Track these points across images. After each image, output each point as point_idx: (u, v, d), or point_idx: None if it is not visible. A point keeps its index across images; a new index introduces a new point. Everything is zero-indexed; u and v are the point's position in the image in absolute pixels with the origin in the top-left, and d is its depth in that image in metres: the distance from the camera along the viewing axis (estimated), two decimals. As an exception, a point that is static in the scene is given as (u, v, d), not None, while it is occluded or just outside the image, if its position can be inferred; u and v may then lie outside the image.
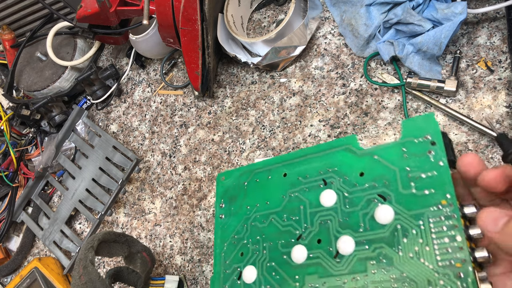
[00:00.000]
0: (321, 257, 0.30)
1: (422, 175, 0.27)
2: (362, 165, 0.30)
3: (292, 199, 0.33)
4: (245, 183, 0.36)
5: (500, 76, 0.41)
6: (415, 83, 0.43)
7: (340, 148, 0.32)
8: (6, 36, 0.71)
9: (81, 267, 0.37)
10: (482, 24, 0.44)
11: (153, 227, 0.55)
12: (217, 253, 0.36)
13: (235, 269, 0.34)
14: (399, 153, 0.29)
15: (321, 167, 0.33)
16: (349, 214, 0.30)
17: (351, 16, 0.48)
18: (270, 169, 0.35)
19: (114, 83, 0.65)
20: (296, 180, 0.33)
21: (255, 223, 0.34)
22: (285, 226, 0.33)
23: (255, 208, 0.35)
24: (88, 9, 0.56)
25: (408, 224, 0.27)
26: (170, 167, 0.57)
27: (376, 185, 0.29)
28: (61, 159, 0.63)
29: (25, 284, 0.57)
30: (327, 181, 0.32)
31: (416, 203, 0.27)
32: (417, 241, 0.26)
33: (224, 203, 0.37)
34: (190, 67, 0.52)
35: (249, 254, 0.34)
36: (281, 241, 0.32)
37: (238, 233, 0.35)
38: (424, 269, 0.26)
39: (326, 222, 0.31)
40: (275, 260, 0.32)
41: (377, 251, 0.28)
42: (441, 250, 0.26)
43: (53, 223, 0.60)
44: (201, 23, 0.48)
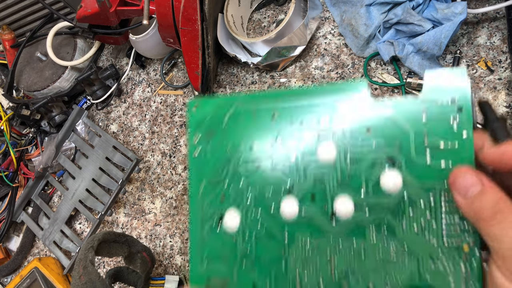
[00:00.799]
0: (314, 216, 0.27)
1: (441, 144, 0.24)
2: (371, 119, 0.26)
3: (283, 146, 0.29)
4: (225, 117, 0.31)
5: (500, 76, 0.41)
6: (415, 83, 0.43)
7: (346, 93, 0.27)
8: (6, 36, 0.71)
9: (81, 267, 0.37)
10: (482, 24, 0.44)
11: (153, 227, 0.55)
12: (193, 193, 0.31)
13: (214, 213, 0.30)
14: (417, 112, 0.25)
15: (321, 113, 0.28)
16: (350, 173, 0.26)
17: (351, 16, 0.48)
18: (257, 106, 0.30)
19: (114, 83, 0.65)
20: (289, 125, 0.29)
21: (238, 167, 0.30)
22: (274, 175, 0.29)
23: (238, 149, 0.30)
24: (88, 9, 0.56)
25: (417, 196, 0.24)
26: (170, 167, 0.57)
27: (386, 145, 0.26)
28: (61, 159, 0.63)
29: (25, 284, 0.57)
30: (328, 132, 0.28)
31: (429, 174, 0.24)
32: (424, 216, 0.24)
33: (199, 138, 0.31)
34: (190, 67, 0.52)
35: (231, 199, 0.29)
36: (269, 190, 0.28)
37: (218, 174, 0.30)
38: (428, 245, 0.24)
39: (322, 177, 0.27)
40: (262, 211, 0.29)
41: (378, 219, 0.25)
42: (449, 229, 0.24)
43: (53, 223, 0.60)
44: (201, 23, 0.48)
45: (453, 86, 0.25)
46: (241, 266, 0.29)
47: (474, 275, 0.23)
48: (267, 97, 0.30)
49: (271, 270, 0.28)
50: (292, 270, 0.27)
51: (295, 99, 0.29)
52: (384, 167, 0.25)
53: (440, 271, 0.24)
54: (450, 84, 0.25)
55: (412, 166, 0.25)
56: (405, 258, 0.25)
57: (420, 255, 0.24)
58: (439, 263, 0.24)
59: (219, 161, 0.31)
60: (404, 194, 0.25)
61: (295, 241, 0.28)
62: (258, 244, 0.29)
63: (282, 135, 0.29)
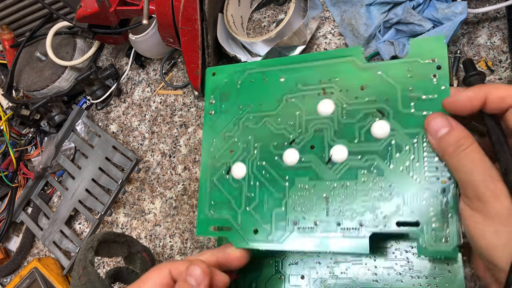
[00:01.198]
0: (313, 162, 0.31)
1: (423, 97, 0.28)
2: (365, 79, 0.30)
3: (288, 104, 0.33)
4: (238, 81, 0.35)
5: (501, 76, 0.41)
6: (415, 83, 0.43)
7: (344, 59, 0.32)
8: (5, 36, 0.71)
9: (80, 267, 0.37)
10: (483, 24, 0.44)
11: (153, 227, 0.55)
12: (205, 146, 0.35)
13: (224, 164, 0.34)
14: (403, 72, 0.29)
15: (322, 75, 0.32)
16: (346, 125, 0.30)
17: (351, 16, 0.48)
18: (267, 71, 0.34)
19: (113, 83, 0.65)
20: (294, 86, 0.33)
21: (247, 123, 0.34)
22: (278, 130, 0.33)
23: (248, 109, 0.34)
24: (88, 9, 0.56)
25: (403, 141, 0.28)
26: (170, 167, 0.57)
27: (376, 100, 0.29)
28: (60, 159, 0.63)
29: (24, 284, 0.57)
30: (327, 91, 0.31)
31: (413, 122, 0.28)
32: (409, 157, 0.28)
33: (214, 100, 0.36)
34: (190, 67, 0.52)
35: (239, 152, 0.33)
36: (274, 143, 0.32)
37: (229, 130, 0.34)
38: (412, 182, 0.27)
39: (321, 130, 0.31)
40: (266, 160, 0.32)
41: (369, 162, 0.29)
42: (430, 167, 0.27)
43: (52, 223, 0.60)
44: (201, 23, 0.48)
45: (433, 48, 0.28)
46: (245, 210, 0.32)
47: (450, 204, 0.26)
48: (275, 63, 0.34)
49: (272, 213, 0.31)
50: (291, 211, 0.30)
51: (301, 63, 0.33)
52: (375, 117, 0.29)
53: (422, 203, 0.27)
54: (430, 47, 0.29)
55: (399, 116, 0.29)
56: (392, 195, 0.28)
57: (405, 192, 0.27)
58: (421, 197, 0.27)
59: (230, 119, 0.35)
60: (391, 139, 0.28)
61: (295, 184, 0.31)
62: (262, 189, 0.32)
63: (288, 94, 0.33)
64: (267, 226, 0.31)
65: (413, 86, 0.29)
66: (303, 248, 0.29)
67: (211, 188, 0.34)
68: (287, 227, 0.30)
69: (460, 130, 0.24)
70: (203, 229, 0.33)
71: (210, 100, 0.36)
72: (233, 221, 0.32)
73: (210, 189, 0.34)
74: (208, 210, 0.33)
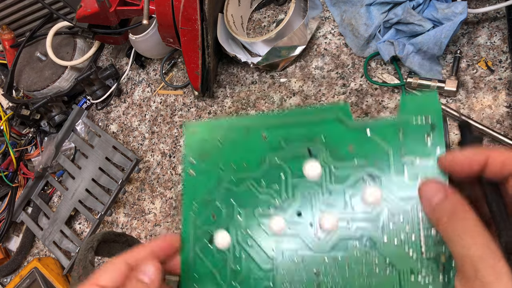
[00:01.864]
0: (301, 231, 0.28)
1: (417, 161, 0.25)
2: (353, 139, 0.28)
3: (272, 165, 0.30)
4: (219, 139, 0.33)
5: (501, 76, 0.41)
6: (415, 83, 0.43)
7: (330, 116, 0.29)
8: (5, 36, 0.71)
9: (80, 267, 0.37)
10: (483, 24, 0.44)
11: (153, 227, 0.55)
12: (186, 211, 0.33)
13: (206, 232, 0.31)
14: (394, 131, 0.26)
15: (307, 134, 0.29)
16: (334, 190, 0.28)
17: (351, 16, 0.48)
18: (249, 128, 0.32)
19: (114, 83, 0.65)
20: (277, 144, 0.30)
21: (230, 186, 0.31)
22: (263, 194, 0.30)
23: (230, 169, 0.32)
24: (88, 9, 0.56)
25: (397, 210, 0.25)
26: (170, 167, 0.57)
27: (367, 163, 0.27)
28: (60, 159, 0.63)
29: (25, 284, 0.57)
30: (313, 151, 0.29)
31: (407, 190, 0.25)
32: (404, 229, 0.25)
33: (194, 159, 0.34)
34: (190, 67, 0.52)
35: (222, 218, 0.31)
36: (258, 209, 0.30)
37: (211, 193, 0.32)
38: (408, 258, 0.25)
39: (308, 195, 0.28)
40: (251, 228, 0.30)
41: (361, 232, 0.26)
42: (427, 241, 0.25)
43: (53, 223, 0.60)
44: (201, 23, 0.48)
45: (426, 107, 0.26)
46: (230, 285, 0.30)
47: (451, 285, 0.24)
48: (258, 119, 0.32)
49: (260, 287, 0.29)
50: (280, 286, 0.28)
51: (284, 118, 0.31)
52: (365, 183, 0.26)
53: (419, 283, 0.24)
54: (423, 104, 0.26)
55: (391, 182, 0.26)
56: (387, 271, 0.25)
57: (401, 268, 0.25)
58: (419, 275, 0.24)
59: (212, 180, 0.32)
60: (384, 208, 0.26)
61: (282, 256, 0.28)
62: (247, 261, 0.29)
63: (271, 153, 0.30)
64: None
65: (406, 148, 0.26)
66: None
67: (194, 260, 0.31)
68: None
69: (455, 197, 0.22)
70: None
71: (189, 159, 0.34)
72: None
73: (193, 262, 0.31)
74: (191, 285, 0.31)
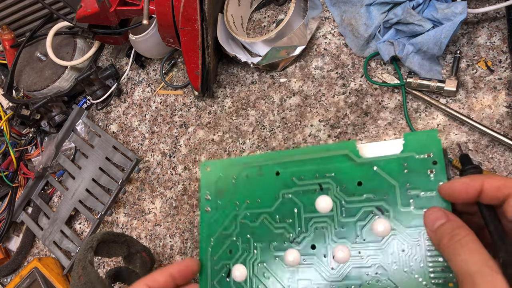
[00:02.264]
0: (315, 263, 0.30)
1: (421, 194, 0.27)
2: (361, 175, 0.30)
3: (285, 201, 0.32)
4: (233, 176, 0.34)
5: (500, 76, 0.41)
6: (415, 83, 0.43)
7: (338, 152, 0.31)
8: (6, 36, 0.71)
9: (80, 267, 0.37)
10: (482, 24, 0.44)
11: (153, 227, 0.55)
12: (203, 247, 0.34)
13: (224, 266, 0.33)
14: (399, 166, 0.28)
15: (317, 170, 0.31)
16: (346, 224, 0.29)
17: (351, 16, 0.48)
18: (261, 165, 0.33)
19: (114, 83, 0.65)
20: (290, 181, 0.32)
21: (245, 221, 0.33)
22: (277, 228, 0.32)
23: (245, 205, 0.33)
24: (88, 9, 0.56)
25: (405, 240, 0.27)
26: (170, 167, 0.57)
27: (375, 197, 0.29)
28: (61, 159, 0.63)
29: (25, 284, 0.57)
30: (324, 186, 0.31)
31: (414, 221, 0.27)
32: (412, 257, 0.27)
33: (210, 195, 0.35)
34: (190, 67, 0.52)
35: (239, 252, 0.32)
36: (274, 242, 0.31)
37: (226, 229, 0.33)
38: (417, 284, 0.26)
39: (321, 228, 0.30)
40: (267, 261, 0.31)
41: (372, 262, 0.28)
42: (435, 268, 0.26)
43: (53, 223, 0.60)
44: (201, 23, 0.48)
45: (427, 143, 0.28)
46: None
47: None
48: (271, 157, 0.33)
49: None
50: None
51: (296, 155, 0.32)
52: (375, 215, 0.28)
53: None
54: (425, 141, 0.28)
55: (398, 214, 0.28)
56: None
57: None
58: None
59: (227, 216, 0.34)
60: (393, 238, 0.27)
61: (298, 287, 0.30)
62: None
63: (284, 189, 0.32)
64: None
65: (411, 182, 0.28)
66: None
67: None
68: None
69: (456, 220, 0.24)
70: None
71: (205, 196, 0.35)
72: None
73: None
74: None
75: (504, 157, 0.39)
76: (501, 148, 0.39)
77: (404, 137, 0.29)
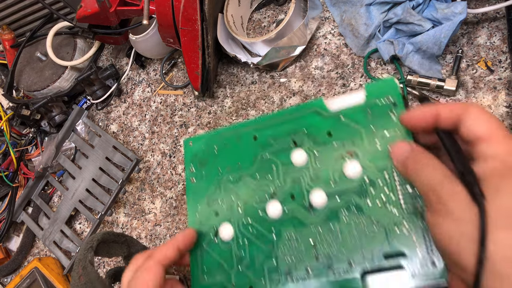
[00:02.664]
0: (296, 211, 0.32)
1: (386, 133, 0.30)
2: (330, 126, 0.32)
3: (264, 160, 0.35)
4: (215, 147, 0.37)
5: (500, 76, 0.41)
6: (415, 80, 0.43)
7: (308, 110, 0.34)
8: (6, 36, 0.71)
9: (80, 267, 0.37)
10: (482, 24, 0.44)
11: (153, 227, 0.55)
12: (191, 215, 0.36)
13: (211, 228, 0.35)
14: (364, 113, 0.31)
15: (291, 129, 0.34)
16: (320, 171, 0.32)
17: (351, 16, 0.48)
18: (240, 133, 0.36)
19: (114, 83, 0.65)
20: (266, 142, 0.35)
21: (228, 184, 0.36)
22: (258, 186, 0.34)
23: (227, 170, 0.36)
24: (88, 9, 0.56)
25: (375, 177, 0.29)
26: (170, 167, 0.57)
27: (344, 143, 0.31)
28: (61, 159, 0.63)
29: (25, 284, 0.57)
30: (297, 142, 0.33)
31: (381, 158, 0.29)
32: (383, 191, 0.29)
33: (194, 168, 0.38)
34: (190, 67, 0.52)
35: (224, 213, 0.35)
36: (256, 199, 0.34)
37: (212, 194, 0.36)
38: (391, 214, 0.28)
39: (298, 179, 0.33)
40: (251, 216, 0.34)
41: (348, 202, 0.30)
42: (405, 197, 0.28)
43: (53, 223, 0.60)
44: (201, 23, 0.48)
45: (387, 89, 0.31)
46: (238, 271, 0.33)
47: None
48: (247, 124, 0.36)
49: (264, 267, 0.32)
50: (282, 263, 0.31)
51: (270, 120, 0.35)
52: (345, 159, 0.31)
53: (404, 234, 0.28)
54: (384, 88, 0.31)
55: (367, 154, 0.30)
56: (375, 230, 0.29)
57: (386, 225, 0.28)
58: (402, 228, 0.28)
59: (212, 183, 0.36)
60: (364, 177, 0.30)
61: (282, 236, 0.32)
62: (251, 246, 0.33)
63: (262, 151, 0.35)
64: (261, 282, 0.32)
65: (375, 125, 0.30)
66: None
67: (202, 254, 0.35)
68: (281, 280, 0.31)
69: (419, 148, 0.26)
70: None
71: (190, 168, 0.38)
72: (228, 284, 0.33)
73: (201, 256, 0.35)
74: (202, 277, 0.34)
75: (504, 157, 0.39)
76: (501, 148, 0.39)
77: (366, 87, 0.31)
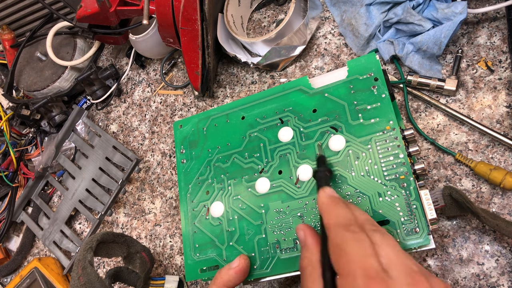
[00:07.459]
0: (283, 185, 0.34)
1: (368, 107, 0.32)
2: (314, 103, 0.34)
3: (252, 139, 0.36)
4: (204, 128, 0.39)
5: (500, 76, 0.41)
6: (415, 80, 0.43)
7: (293, 89, 0.35)
8: (6, 36, 0.71)
9: (80, 268, 0.37)
10: (482, 24, 0.44)
11: (153, 227, 0.55)
12: (182, 195, 0.38)
13: (202, 206, 0.36)
14: (346, 89, 0.33)
15: (277, 107, 0.36)
16: (306, 146, 0.34)
17: (351, 16, 0.48)
18: (228, 114, 0.38)
19: (114, 83, 0.65)
20: (254, 121, 0.36)
21: (218, 164, 0.37)
22: (247, 163, 0.36)
23: (217, 150, 0.37)
24: (88, 9, 0.56)
25: (358, 149, 0.31)
26: (170, 167, 0.57)
27: (328, 119, 0.33)
28: (61, 159, 0.63)
29: (25, 284, 0.57)
30: (284, 119, 0.35)
31: (364, 131, 0.31)
32: (367, 162, 0.31)
33: (184, 149, 0.39)
34: (190, 67, 0.52)
35: (215, 192, 0.36)
36: (245, 176, 0.35)
37: (202, 174, 0.37)
38: (374, 184, 0.30)
39: (285, 155, 0.34)
40: (240, 193, 0.35)
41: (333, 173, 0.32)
42: (387, 167, 0.30)
43: (53, 223, 0.60)
44: (201, 23, 0.48)
45: (368, 64, 0.32)
46: (228, 245, 0.34)
47: (413, 196, 0.29)
48: (235, 105, 0.38)
49: (254, 241, 0.33)
50: (271, 235, 0.33)
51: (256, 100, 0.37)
52: (330, 134, 0.33)
53: (387, 202, 0.29)
54: (366, 63, 0.33)
55: (351, 128, 0.32)
56: (359, 199, 0.30)
57: (369, 194, 0.30)
58: (385, 196, 0.30)
59: (202, 163, 0.38)
60: (348, 150, 0.32)
61: (270, 210, 0.33)
62: (241, 221, 0.34)
63: (250, 130, 0.36)
64: (251, 255, 0.33)
65: (357, 100, 0.32)
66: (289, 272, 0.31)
67: (194, 232, 0.36)
68: (270, 252, 0.32)
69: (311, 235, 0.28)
70: (192, 273, 0.35)
71: (180, 150, 0.39)
72: (219, 258, 0.34)
73: (193, 234, 0.36)
74: (194, 254, 0.35)
75: (504, 157, 0.39)
76: (501, 148, 0.39)
77: (348, 64, 0.33)
